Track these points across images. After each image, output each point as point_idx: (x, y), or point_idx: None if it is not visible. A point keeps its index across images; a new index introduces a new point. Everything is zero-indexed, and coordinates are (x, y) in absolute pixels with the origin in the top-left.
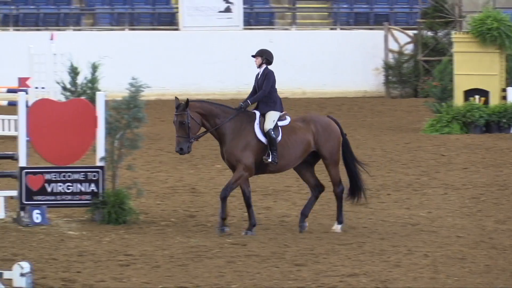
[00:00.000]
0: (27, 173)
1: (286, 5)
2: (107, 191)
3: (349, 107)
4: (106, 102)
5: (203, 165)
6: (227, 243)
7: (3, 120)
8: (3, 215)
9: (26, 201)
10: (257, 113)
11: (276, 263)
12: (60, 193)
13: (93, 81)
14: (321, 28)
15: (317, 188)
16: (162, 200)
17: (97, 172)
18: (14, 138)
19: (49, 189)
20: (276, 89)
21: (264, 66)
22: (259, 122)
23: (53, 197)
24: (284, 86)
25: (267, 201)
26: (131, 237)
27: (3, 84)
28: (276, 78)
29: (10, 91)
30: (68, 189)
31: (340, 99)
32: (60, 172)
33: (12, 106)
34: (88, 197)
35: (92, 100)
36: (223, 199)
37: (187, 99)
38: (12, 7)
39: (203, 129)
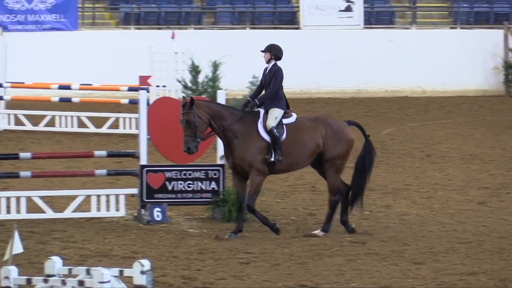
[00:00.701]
0: (148, 171)
1: (407, 4)
2: (228, 189)
3: (469, 106)
4: (227, 100)
5: None
6: (346, 242)
7: (124, 118)
8: (123, 213)
9: (147, 199)
10: (261, 112)
11: (396, 262)
12: (181, 191)
13: (214, 79)
14: (441, 27)
15: (345, 188)
16: (282, 198)
17: (218, 170)
18: (135, 136)
19: (169, 187)
20: (282, 86)
21: (273, 61)
22: (263, 120)
23: (173, 195)
24: (404, 85)
25: (386, 200)
26: (251, 235)
27: (124, 82)
28: (284, 75)
29: (131, 89)
30: (189, 187)
31: (460, 98)
32: (181, 170)
33: (133, 104)
34: (208, 195)
35: (213, 98)
36: (252, 210)
37: (192, 98)
38: (134, 5)
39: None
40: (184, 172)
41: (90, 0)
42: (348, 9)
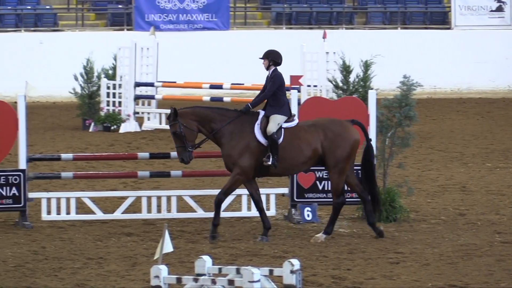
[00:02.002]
0: None
1: None
2: (378, 189)
3: None
4: (378, 100)
5: (474, 164)
6: (497, 242)
7: None
8: (274, 213)
9: (297, 198)
10: (261, 114)
11: None
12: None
13: (365, 79)
14: None
15: (365, 192)
16: (432, 198)
17: None
18: None
19: (320, 187)
20: (285, 92)
21: (272, 68)
22: (260, 122)
23: (324, 195)
24: None
25: None
26: (401, 235)
27: None
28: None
29: None
30: None
31: None
32: None
33: None
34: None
35: (364, 98)
36: (217, 204)
37: (174, 108)
38: (285, 5)
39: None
40: None
41: (242, 0)
42: (499, 9)
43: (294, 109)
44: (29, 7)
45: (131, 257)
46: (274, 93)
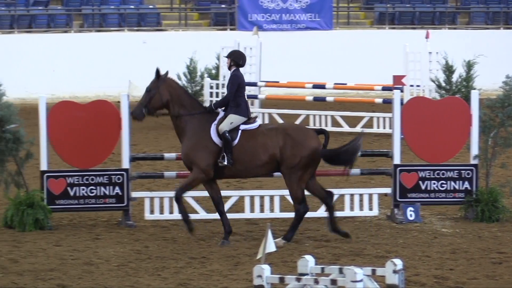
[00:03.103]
0: (401, 170)
1: None
2: (480, 189)
3: None
4: (480, 100)
5: None
6: None
7: (378, 117)
8: (377, 212)
9: (400, 198)
10: (220, 114)
11: None
12: (434, 191)
13: (467, 79)
14: None
15: (329, 198)
16: None
17: (471, 170)
18: (388, 136)
19: (423, 187)
20: (243, 93)
21: (233, 68)
22: (217, 123)
23: (426, 195)
24: None
25: None
26: (504, 235)
27: (378, 82)
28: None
29: (385, 88)
30: (442, 186)
31: None
32: (434, 170)
33: (387, 104)
34: (461, 194)
35: (466, 98)
36: (177, 200)
37: (167, 72)
38: (388, 5)
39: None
40: (438, 171)
41: (345, 0)
42: None
43: (397, 109)
44: (132, 7)
45: (234, 256)
46: (236, 95)
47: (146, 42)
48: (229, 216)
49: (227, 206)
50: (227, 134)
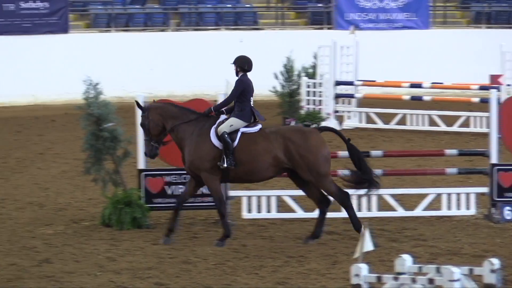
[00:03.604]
0: (499, 169)
1: None
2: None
3: None
4: None
5: None
6: None
7: (475, 117)
8: (474, 212)
9: (497, 198)
10: (221, 117)
11: None
12: None
13: None
14: None
15: (325, 203)
16: None
17: None
18: (485, 135)
19: None
20: (248, 98)
21: (240, 74)
22: (217, 126)
23: None
24: None
25: None
26: None
27: (475, 81)
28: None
29: (482, 88)
30: None
31: None
32: None
33: (484, 103)
34: None
35: None
36: (222, 216)
37: (152, 102)
38: (485, 4)
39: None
40: None
41: None
42: None
43: (494, 108)
44: (229, 6)
45: (332, 255)
46: (238, 99)
47: (242, 41)
48: (328, 214)
49: None
50: (226, 136)
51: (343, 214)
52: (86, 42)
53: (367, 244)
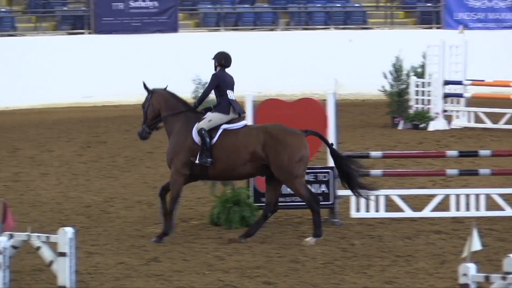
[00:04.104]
0: None
1: None
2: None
3: None
4: None
5: None
6: None
7: None
8: None
9: None
10: (207, 115)
11: None
12: None
13: None
14: None
15: (272, 211)
16: None
17: None
18: None
19: None
20: (223, 92)
21: (218, 68)
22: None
23: None
24: None
25: None
26: None
27: None
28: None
29: None
30: None
31: None
32: None
33: None
34: None
35: None
36: (170, 212)
37: (143, 84)
38: None
39: None
40: None
41: None
42: None
43: None
44: (339, 5)
45: (440, 255)
46: (217, 94)
47: (352, 40)
48: (435, 214)
49: (432, 204)
50: (203, 132)
51: (452, 213)
52: (195, 41)
53: (475, 244)
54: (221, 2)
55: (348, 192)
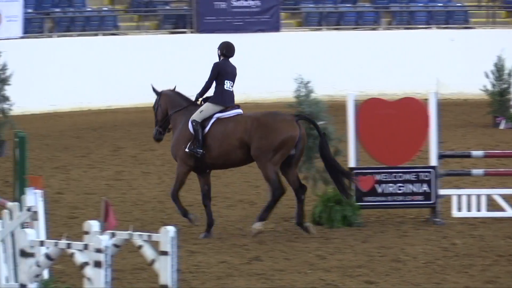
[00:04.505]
0: None
1: None
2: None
3: None
4: None
5: None
6: None
7: None
8: None
9: None
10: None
11: None
12: None
13: None
14: None
15: (301, 190)
16: None
17: None
18: None
19: None
20: (222, 81)
21: (221, 58)
22: None
23: None
24: None
25: None
26: None
27: None
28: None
29: None
30: None
31: None
32: None
33: None
34: None
35: None
36: (175, 200)
37: (152, 87)
38: None
39: None
40: None
41: None
42: None
43: None
44: (441, 5)
45: None
46: (216, 83)
47: (453, 39)
48: None
49: None
50: (193, 123)
51: None
52: (297, 41)
53: None
54: (323, 1)
55: (450, 191)
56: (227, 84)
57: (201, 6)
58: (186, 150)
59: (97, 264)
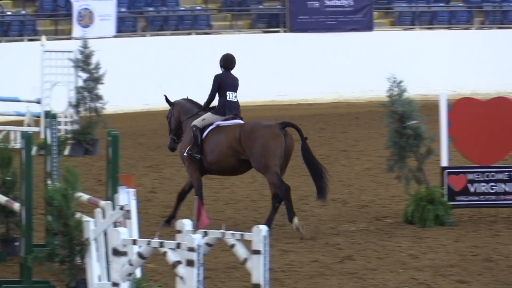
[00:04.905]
0: None
1: None
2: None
3: None
4: None
5: None
6: None
7: None
8: None
9: None
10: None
11: None
12: None
13: None
14: None
15: (278, 198)
16: None
17: None
18: None
19: None
20: (223, 94)
21: (222, 70)
22: None
23: None
24: None
25: None
26: None
27: None
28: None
29: None
30: None
31: None
32: None
33: None
34: None
35: None
36: (199, 197)
37: (165, 96)
38: None
39: None
40: None
41: None
42: None
43: None
44: None
45: None
46: (218, 95)
47: None
48: None
49: None
50: (194, 129)
51: None
52: (390, 40)
53: None
54: (416, 0)
55: None
56: (230, 95)
57: (294, 5)
58: (185, 154)
59: (190, 263)
